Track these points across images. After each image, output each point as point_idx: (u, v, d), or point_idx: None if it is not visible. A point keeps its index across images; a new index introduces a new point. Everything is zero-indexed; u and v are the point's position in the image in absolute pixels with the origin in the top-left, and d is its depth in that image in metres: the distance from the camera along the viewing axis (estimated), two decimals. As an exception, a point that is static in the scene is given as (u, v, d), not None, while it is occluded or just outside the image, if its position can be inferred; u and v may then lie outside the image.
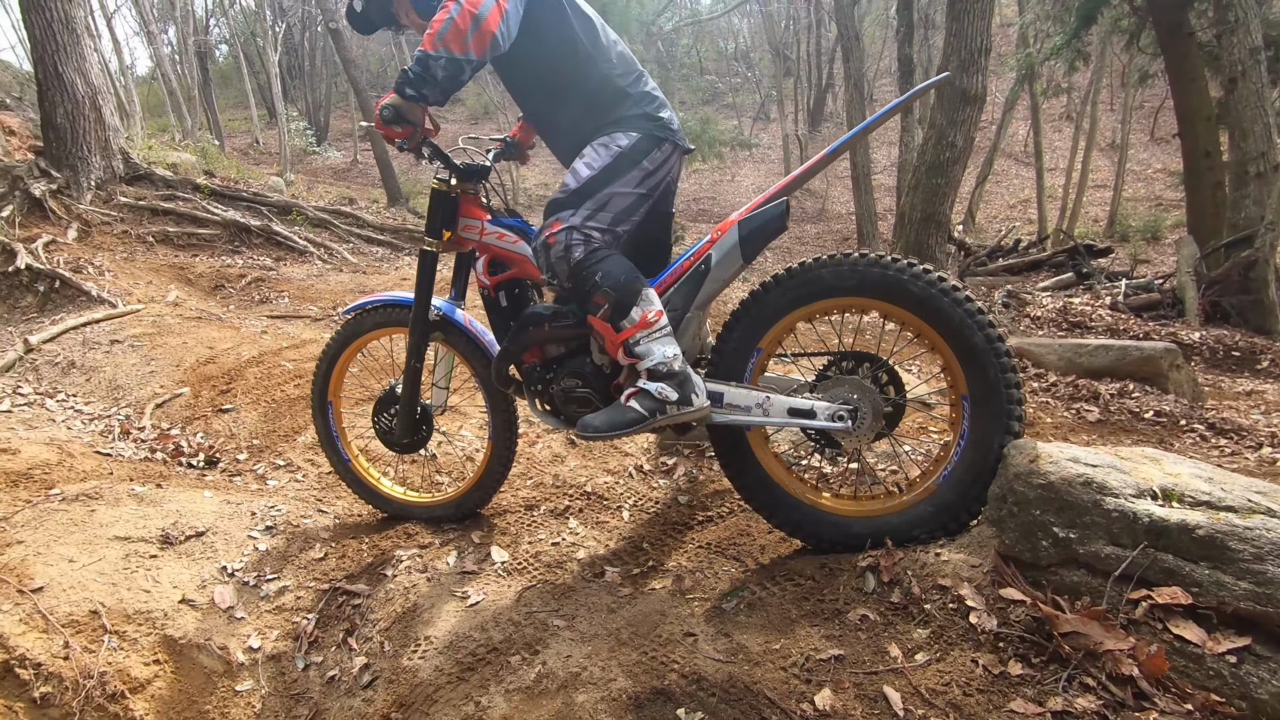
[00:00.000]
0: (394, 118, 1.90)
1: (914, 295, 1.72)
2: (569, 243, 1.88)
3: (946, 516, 1.78)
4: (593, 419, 1.85)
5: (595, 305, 1.84)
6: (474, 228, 2.15)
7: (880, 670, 1.49)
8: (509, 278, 2.17)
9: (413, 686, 1.76)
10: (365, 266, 7.26)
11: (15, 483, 2.74)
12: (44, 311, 5.28)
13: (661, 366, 1.81)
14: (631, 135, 1.94)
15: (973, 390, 1.72)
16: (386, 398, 2.39)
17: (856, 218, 12.66)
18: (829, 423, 1.85)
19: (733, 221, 1.89)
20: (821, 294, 1.80)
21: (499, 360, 2.14)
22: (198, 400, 3.85)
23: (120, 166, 7.48)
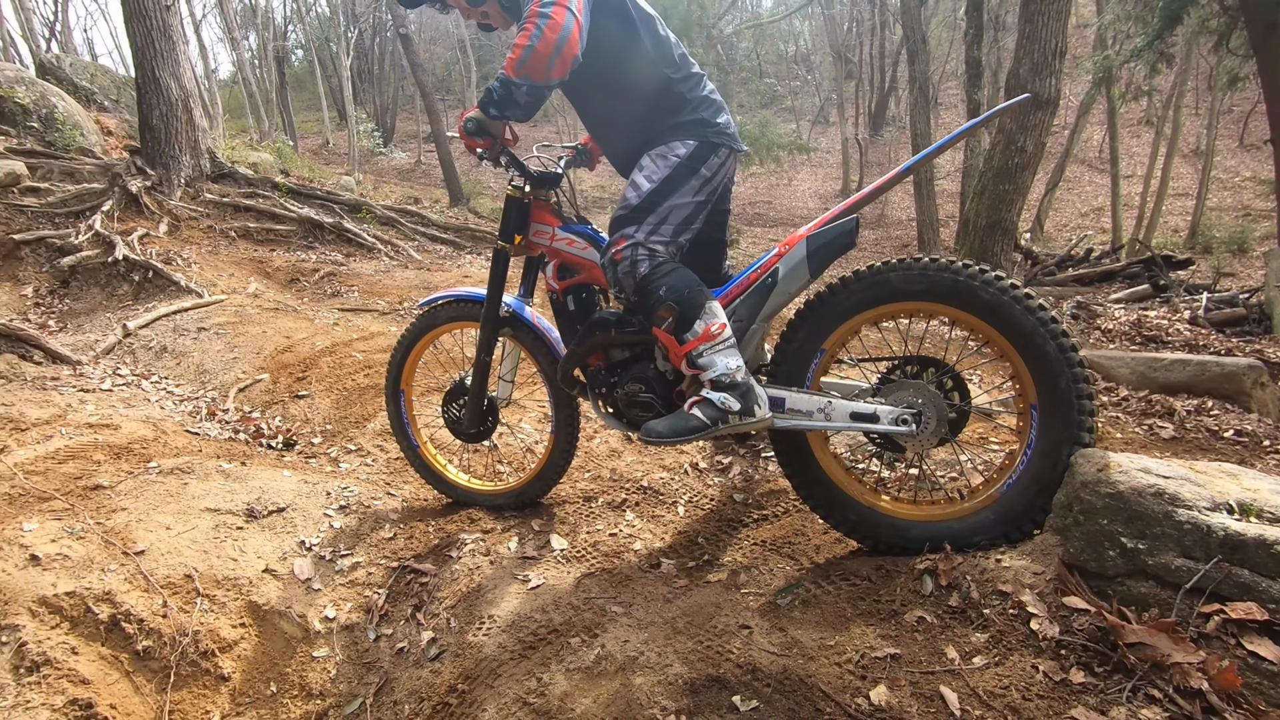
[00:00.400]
0: (477, 130, 1.99)
1: (984, 301, 1.72)
2: (634, 258, 1.93)
3: (1009, 525, 1.76)
4: (656, 424, 1.91)
5: (660, 318, 1.90)
6: (545, 233, 2.22)
7: (937, 670, 1.50)
8: (577, 283, 2.23)
9: (478, 661, 1.85)
10: (429, 263, 7.51)
11: (118, 455, 2.97)
12: (138, 299, 5.66)
13: (724, 378, 1.85)
14: (689, 143, 1.98)
15: (1042, 399, 1.71)
16: (456, 389, 2.49)
17: (917, 224, 12.39)
18: (892, 427, 1.85)
19: (801, 236, 1.91)
20: (888, 298, 1.81)
21: (565, 362, 2.20)
22: (276, 386, 4.08)
23: (207, 165, 7.95)
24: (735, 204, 23.83)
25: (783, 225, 18.66)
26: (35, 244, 6.23)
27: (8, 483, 2.66)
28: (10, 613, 1.96)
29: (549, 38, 1.77)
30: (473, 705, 1.71)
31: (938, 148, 1.96)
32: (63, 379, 3.77)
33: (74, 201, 6.83)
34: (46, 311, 5.54)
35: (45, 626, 1.97)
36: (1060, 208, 19.42)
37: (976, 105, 10.74)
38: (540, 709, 1.60)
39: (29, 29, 20.34)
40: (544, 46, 1.78)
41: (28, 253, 6.14)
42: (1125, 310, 6.76)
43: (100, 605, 2.06)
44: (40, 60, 12.68)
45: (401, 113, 30.38)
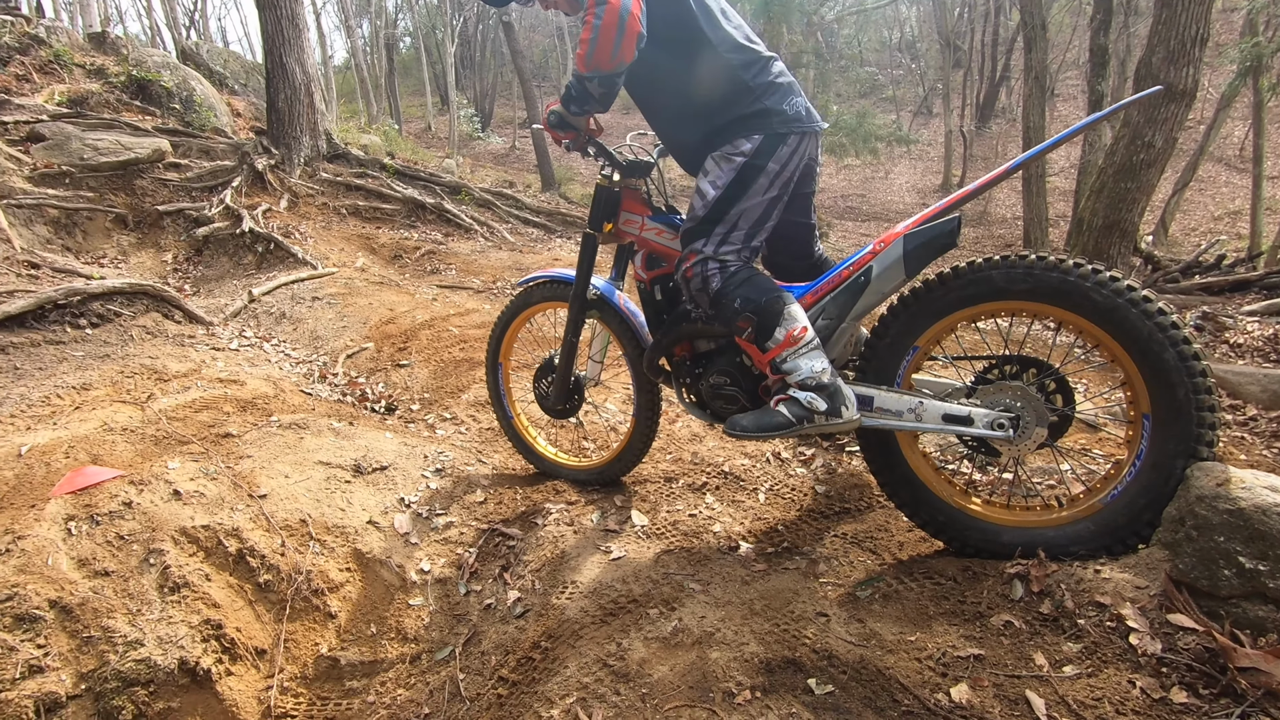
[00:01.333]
0: (559, 124, 2.05)
1: (1096, 304, 1.63)
2: (705, 274, 1.93)
3: (1110, 538, 1.69)
4: (742, 419, 1.91)
5: (739, 329, 1.89)
6: (634, 223, 2.22)
7: (1023, 675, 1.47)
8: (664, 273, 2.24)
9: (560, 622, 1.95)
10: (522, 245, 7.76)
11: (244, 408, 3.27)
12: (260, 269, 6.14)
13: (810, 380, 1.83)
14: (754, 138, 1.89)
15: (1156, 409, 1.62)
16: (546, 366, 2.57)
17: (1024, 222, 11.69)
18: (987, 431, 1.79)
19: (898, 234, 1.84)
20: (990, 296, 1.74)
21: (651, 351, 2.23)
22: (379, 355, 4.35)
23: (324, 146, 8.49)
24: (827, 197, 23.04)
25: (876, 220, 18.03)
26: (175, 215, 6.86)
27: (154, 426, 2.98)
28: (157, 539, 2.21)
29: (609, 22, 1.75)
30: (555, 661, 1.80)
31: (1054, 142, 1.87)
32: (198, 337, 4.16)
33: (208, 177, 7.47)
34: (183, 276, 6.10)
35: (184, 554, 2.22)
36: (1190, 210, 17.83)
37: (1100, 97, 9.99)
38: (619, 671, 1.67)
39: (173, 18, 22.23)
40: (605, 33, 1.76)
41: (169, 223, 6.77)
42: (1260, 324, 6.17)
43: (230, 540, 2.29)
44: (182, 47, 13.87)
45: (499, 99, 31.26)
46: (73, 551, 2.13)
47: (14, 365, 3.35)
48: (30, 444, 2.71)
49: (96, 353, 3.61)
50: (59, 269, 4.88)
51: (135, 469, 2.55)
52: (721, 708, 1.51)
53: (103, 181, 6.78)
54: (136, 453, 2.77)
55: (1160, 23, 5.85)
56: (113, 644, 1.94)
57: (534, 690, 1.74)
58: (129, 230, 6.53)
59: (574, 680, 1.68)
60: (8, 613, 1.92)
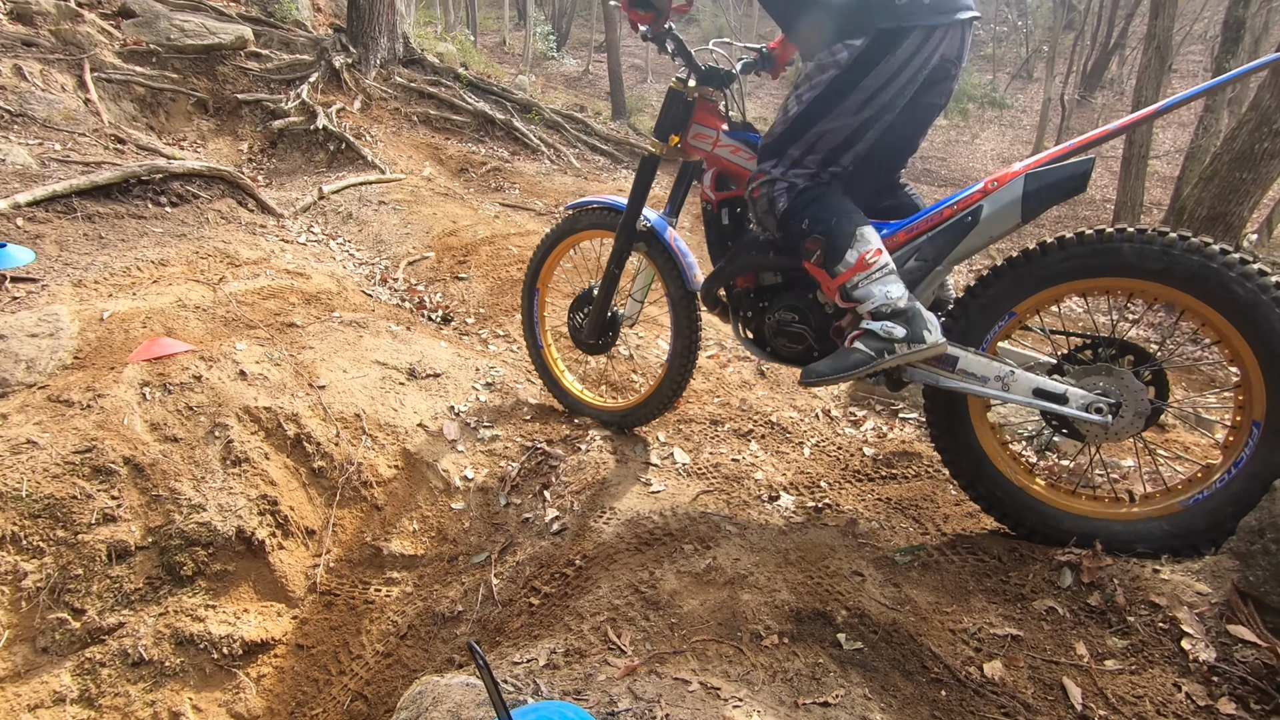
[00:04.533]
0: (646, 2, 1.81)
1: (1235, 296, 1.48)
2: (771, 195, 1.79)
3: (1182, 541, 1.61)
4: (817, 365, 1.78)
5: (808, 251, 1.76)
6: (707, 137, 2.04)
7: (1061, 662, 1.44)
8: (735, 195, 2.08)
9: (596, 544, 1.99)
10: (587, 172, 7.64)
11: (309, 301, 3.36)
12: (330, 168, 6.20)
13: (885, 307, 1.68)
14: (853, 43, 1.63)
15: (1272, 419, 1.50)
16: (584, 296, 2.45)
17: (1116, 205, 10.95)
18: (1082, 413, 1.65)
19: (1016, 173, 1.66)
20: (1115, 270, 1.58)
21: (711, 279, 2.09)
22: (439, 265, 4.39)
23: (400, 50, 8.39)
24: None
25: (954, 185, 17.13)
26: (253, 105, 6.93)
27: (224, 307, 3.09)
28: (223, 414, 2.32)
29: None
30: (588, 580, 1.85)
31: (1192, 94, 1.64)
32: (269, 228, 4.26)
33: (287, 70, 7.49)
34: (257, 167, 6.21)
35: (247, 431, 2.32)
36: (1301, 212, 16.43)
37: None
38: (650, 599, 1.70)
39: (262, -97, 21.91)
40: None
41: (246, 112, 6.85)
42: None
43: (289, 424, 2.39)
44: (269, -66, 13.70)
45: (577, 19, 30.31)
46: (146, 415, 2.25)
47: (99, 234, 3.48)
48: (111, 310, 2.84)
49: (174, 231, 3.73)
50: (143, 146, 5.01)
51: (206, 346, 2.66)
52: (748, 647, 1.53)
53: (187, 64, 6.86)
54: (207, 331, 2.88)
55: (1318, -4, 5.23)
56: (178, 505, 2.06)
57: (565, 604, 1.79)
58: (209, 115, 6.64)
59: (605, 600, 1.72)
60: (87, 463, 2.05)
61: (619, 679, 1.41)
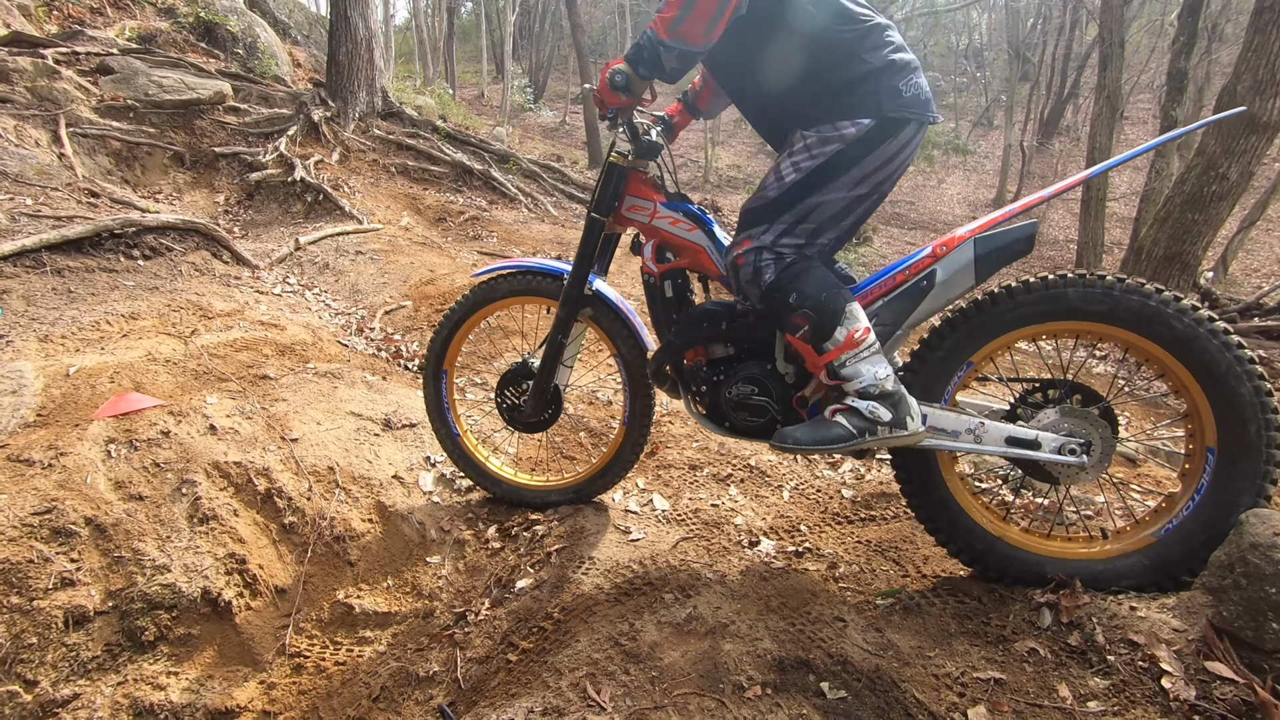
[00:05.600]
0: (624, 86, 1.75)
1: (1174, 331, 1.56)
2: (758, 265, 1.73)
3: (1161, 573, 1.64)
4: (794, 431, 1.72)
5: (794, 325, 1.71)
6: (644, 209, 1.97)
7: (1045, 705, 1.43)
8: (676, 267, 2.00)
9: (575, 596, 1.95)
10: (564, 220, 7.74)
11: (283, 352, 3.32)
12: (308, 219, 6.22)
13: (873, 388, 1.67)
14: (860, 123, 1.65)
15: (1224, 444, 1.55)
16: (517, 372, 2.25)
17: (1078, 246, 11.35)
18: (1056, 456, 1.69)
19: (963, 237, 1.73)
20: (1060, 315, 1.66)
21: (661, 354, 2.00)
22: (417, 314, 4.39)
23: (379, 103, 8.54)
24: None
25: (923, 229, 17.64)
26: (230, 158, 6.97)
27: (195, 360, 3.04)
28: (190, 470, 2.27)
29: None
30: (567, 634, 1.80)
31: (1128, 157, 1.79)
32: (243, 279, 4.24)
33: (265, 124, 7.56)
34: (233, 219, 6.21)
35: (215, 487, 2.27)
36: (1254, 249, 17.12)
37: (1173, 121, 9.59)
38: (630, 651, 1.66)
39: (244, -36, 22.46)
40: (705, 6, 1.56)
41: (224, 165, 6.88)
42: (1318, 374, 5.92)
43: (260, 478, 2.34)
44: (251, -7, 14.01)
45: (554, 72, 31.15)
46: (111, 473, 2.19)
47: (69, 288, 3.44)
48: (78, 365, 2.78)
49: (146, 284, 3.70)
50: (117, 200, 5.00)
51: (175, 400, 2.61)
52: (731, 700, 1.49)
53: (164, 119, 6.91)
54: (177, 385, 2.84)
55: (1250, 49, 5.57)
56: (141, 566, 2.00)
57: (544, 660, 1.74)
58: (185, 169, 6.65)
59: (585, 655, 1.68)
60: (46, 525, 1.98)
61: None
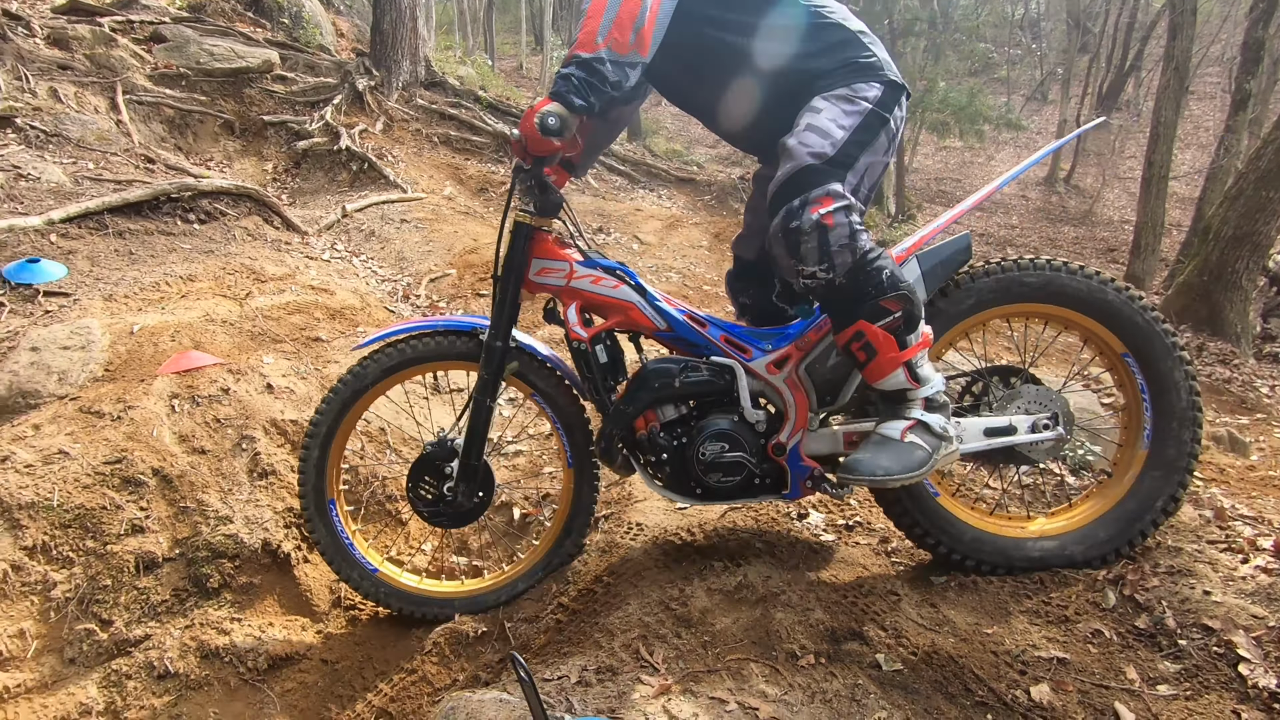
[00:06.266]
0: (558, 129, 1.51)
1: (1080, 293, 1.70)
2: (854, 227, 1.48)
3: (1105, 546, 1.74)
4: (874, 459, 1.55)
5: (881, 311, 1.51)
6: (558, 271, 1.75)
7: (1112, 686, 1.39)
8: (607, 328, 1.79)
9: (623, 560, 1.96)
10: (604, 192, 7.70)
11: (333, 316, 3.38)
12: (353, 187, 6.29)
13: (939, 396, 1.59)
14: (874, 85, 1.57)
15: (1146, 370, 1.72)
16: (433, 455, 1.85)
17: (1136, 227, 10.87)
18: (1032, 435, 1.71)
19: (902, 256, 1.70)
20: (1014, 299, 1.74)
21: (609, 426, 1.77)
22: (460, 282, 4.42)
23: (422, 73, 8.55)
24: (920, 178, 21.86)
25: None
26: (278, 126, 7.06)
27: (250, 322, 3.11)
28: (250, 426, 2.33)
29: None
30: (616, 597, 1.81)
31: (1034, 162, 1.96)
32: (293, 245, 4.31)
33: (311, 93, 7.64)
34: (281, 187, 6.31)
35: (273, 444, 2.33)
36: (1325, 233, 16.22)
37: (1246, 96, 9.07)
38: (681, 616, 1.66)
39: (288, -66, 22.57)
40: (628, 8, 1.45)
41: (272, 133, 6.98)
42: (1396, 363, 5.62)
43: (315, 437, 2.38)
44: (295, -37, 14.08)
45: (593, 43, 30.80)
46: (175, 427, 2.26)
47: (130, 250, 3.54)
48: (141, 324, 2.87)
49: (202, 247, 3.79)
50: (171, 166, 5.11)
51: (233, 359, 2.67)
52: (785, 667, 1.49)
53: (215, 87, 7.02)
54: (234, 344, 2.91)
55: (1341, 15, 5.21)
56: (205, 517, 2.06)
57: (594, 621, 1.75)
58: (235, 137, 6.77)
59: (635, 617, 1.68)
60: (116, 474, 2.05)
61: (653, 698, 1.38)
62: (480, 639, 1.97)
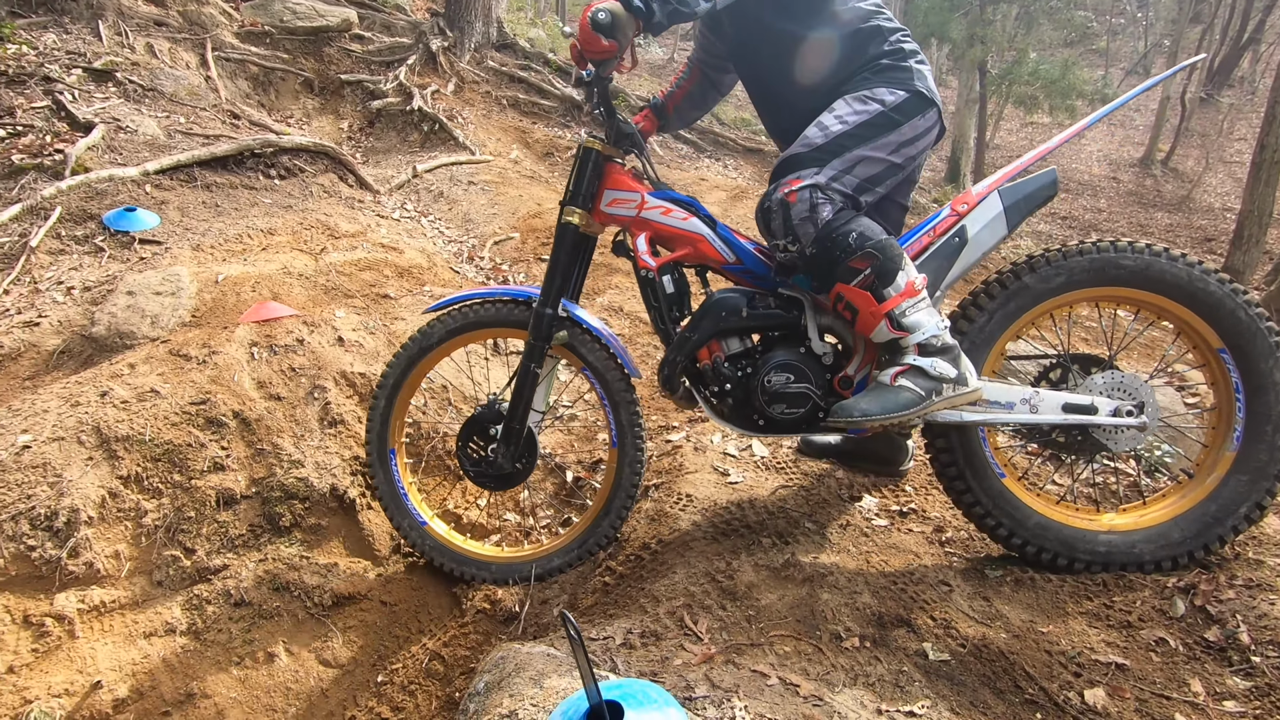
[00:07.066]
0: (610, 27, 1.56)
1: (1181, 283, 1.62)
2: (814, 201, 1.61)
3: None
4: (859, 403, 1.60)
5: (851, 271, 1.59)
6: (629, 201, 1.78)
7: (1174, 698, 1.34)
8: (675, 259, 1.82)
9: (671, 530, 1.98)
10: (669, 160, 7.61)
11: (401, 274, 3.48)
12: (423, 148, 6.40)
13: (934, 340, 1.59)
14: (897, 92, 1.68)
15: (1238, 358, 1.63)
16: (482, 417, 1.91)
17: (1239, 216, 10.07)
18: (1113, 419, 1.66)
19: (984, 193, 1.75)
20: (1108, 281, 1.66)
21: (672, 355, 1.78)
22: (524, 246, 4.47)
23: (494, 34, 8.56)
24: (1001, 154, 20.79)
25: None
26: (354, 85, 7.22)
27: (324, 276, 3.24)
28: (322, 377, 2.44)
29: None
30: (663, 565, 1.85)
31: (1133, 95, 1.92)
32: (366, 203, 4.44)
33: (387, 52, 7.76)
34: (355, 145, 6.48)
35: (343, 394, 2.43)
36: None
37: (1383, 75, 8.21)
38: (727, 589, 1.68)
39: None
40: None
41: (348, 92, 7.15)
42: None
43: (381, 390, 2.48)
44: (375, -80, 14.21)
45: (665, 6, 30.17)
46: (254, 373, 2.39)
47: (216, 202, 3.71)
48: (225, 273, 3.02)
49: (281, 202, 3.94)
50: (254, 122, 5.30)
51: (308, 311, 2.79)
52: (828, 647, 1.49)
53: (296, 45, 7.21)
54: (309, 297, 3.03)
55: None
56: (280, 459, 2.18)
57: (640, 586, 1.79)
58: (314, 95, 6.96)
59: (681, 586, 1.71)
60: (201, 414, 2.19)
61: (695, 665, 1.40)
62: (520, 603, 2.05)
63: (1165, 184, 17.33)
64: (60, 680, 1.73)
